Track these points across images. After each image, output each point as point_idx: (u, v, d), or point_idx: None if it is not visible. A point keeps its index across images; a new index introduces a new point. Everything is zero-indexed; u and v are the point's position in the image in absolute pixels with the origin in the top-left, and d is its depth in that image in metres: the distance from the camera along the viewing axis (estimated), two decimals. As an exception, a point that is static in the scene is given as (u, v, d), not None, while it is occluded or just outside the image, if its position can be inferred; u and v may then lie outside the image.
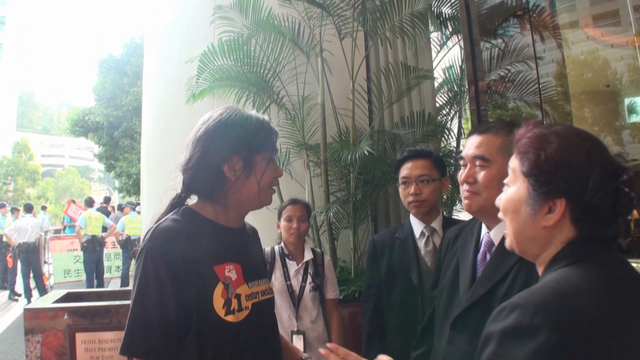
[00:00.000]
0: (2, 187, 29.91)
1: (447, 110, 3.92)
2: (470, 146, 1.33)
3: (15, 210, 10.99)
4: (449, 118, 3.87)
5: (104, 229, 8.88)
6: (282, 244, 2.51)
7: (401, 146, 3.47)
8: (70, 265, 9.13)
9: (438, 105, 3.93)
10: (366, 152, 3.08)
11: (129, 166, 15.47)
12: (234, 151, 1.21)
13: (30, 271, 8.44)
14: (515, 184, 0.92)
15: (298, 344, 2.31)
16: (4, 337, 6.26)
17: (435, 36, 3.93)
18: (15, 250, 8.68)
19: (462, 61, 3.66)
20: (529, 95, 3.82)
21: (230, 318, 1.15)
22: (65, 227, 12.12)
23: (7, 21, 43.01)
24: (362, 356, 1.09)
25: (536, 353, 0.72)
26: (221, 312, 1.15)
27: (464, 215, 2.68)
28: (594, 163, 0.83)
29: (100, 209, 10.28)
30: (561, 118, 3.97)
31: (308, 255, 2.48)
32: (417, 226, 2.06)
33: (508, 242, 0.95)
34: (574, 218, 0.85)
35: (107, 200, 13.18)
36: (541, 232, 0.88)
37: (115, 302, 3.26)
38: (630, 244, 2.79)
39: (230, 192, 1.23)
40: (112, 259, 9.65)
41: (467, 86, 3.14)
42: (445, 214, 2.59)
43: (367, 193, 3.44)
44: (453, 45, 3.88)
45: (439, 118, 3.81)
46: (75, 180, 42.10)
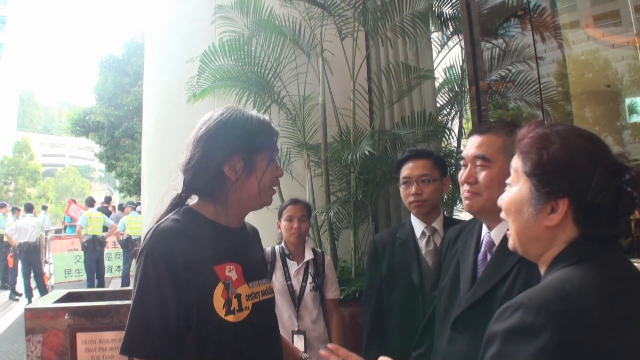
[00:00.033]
0: (2, 187, 29.93)
1: (448, 110, 3.92)
2: (471, 146, 1.33)
3: (15, 210, 11.01)
4: (450, 118, 3.87)
5: (105, 228, 8.88)
6: (282, 244, 2.51)
7: (402, 146, 3.47)
8: (71, 265, 9.13)
9: (439, 105, 3.93)
10: (367, 152, 3.08)
11: (129, 166, 15.47)
12: (235, 151, 1.21)
13: (31, 271, 8.43)
14: (517, 184, 0.92)
15: (299, 343, 2.31)
16: (4, 337, 6.26)
17: (436, 36, 3.93)
18: (16, 250, 8.68)
19: (463, 61, 3.66)
20: (529, 95, 3.82)
21: (231, 318, 1.15)
22: (66, 226, 12.13)
23: (8, 20, 43.08)
24: (362, 356, 1.09)
25: (540, 353, 0.72)
26: (221, 312, 1.15)
27: (464, 216, 2.68)
28: (596, 163, 0.83)
29: (101, 208, 10.29)
30: (562, 118, 3.97)
31: (308, 255, 2.48)
32: (418, 226, 2.05)
33: (511, 242, 0.95)
34: (576, 218, 0.85)
35: (107, 200, 13.18)
36: (544, 232, 0.88)
37: (116, 302, 3.27)
38: (630, 243, 2.78)
39: (231, 192, 1.23)
40: (112, 258, 9.65)
41: (467, 86, 3.14)
42: (446, 214, 2.59)
43: (367, 193, 3.44)
44: (454, 45, 3.88)
45: (439, 118, 3.81)
46: (76, 180, 42.11)
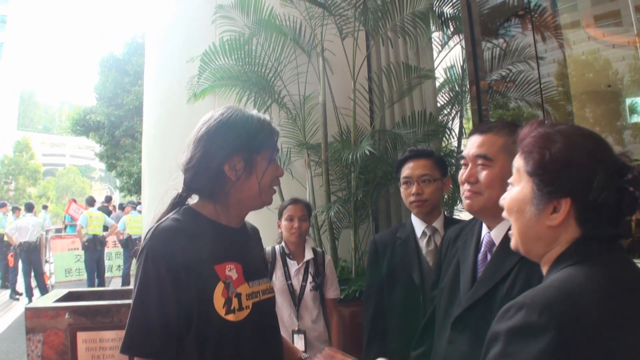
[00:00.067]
0: (3, 187, 29.93)
1: (449, 110, 3.92)
2: (472, 145, 1.33)
3: (16, 209, 11.03)
4: (450, 118, 3.87)
5: (105, 228, 8.89)
6: (282, 244, 2.51)
7: (402, 146, 3.47)
8: (71, 264, 9.14)
9: (439, 105, 3.92)
10: (367, 151, 3.07)
11: (130, 165, 15.47)
12: (235, 151, 1.21)
13: (32, 270, 8.44)
14: (519, 184, 0.91)
15: (299, 343, 2.31)
16: (5, 336, 6.27)
17: (436, 36, 3.92)
18: (16, 249, 8.68)
19: (464, 61, 3.66)
20: (530, 95, 3.82)
21: (231, 317, 1.16)
22: (66, 226, 12.15)
23: (8, 20, 43.08)
24: (362, 356, 1.09)
25: (543, 352, 0.72)
26: (221, 311, 1.15)
27: (464, 215, 2.68)
28: (598, 162, 0.83)
29: (101, 208, 10.29)
30: (562, 118, 3.97)
31: (309, 255, 2.48)
32: (418, 226, 2.05)
33: (513, 242, 0.95)
34: (578, 218, 0.85)
35: (108, 199, 13.17)
36: (546, 232, 0.87)
37: (116, 302, 3.27)
38: (631, 243, 2.78)
39: (231, 191, 1.23)
40: (113, 258, 9.65)
41: (468, 86, 3.14)
42: (447, 213, 2.59)
43: (368, 193, 3.44)
44: (454, 45, 3.88)
45: (440, 118, 3.81)
46: (77, 180, 42.13)
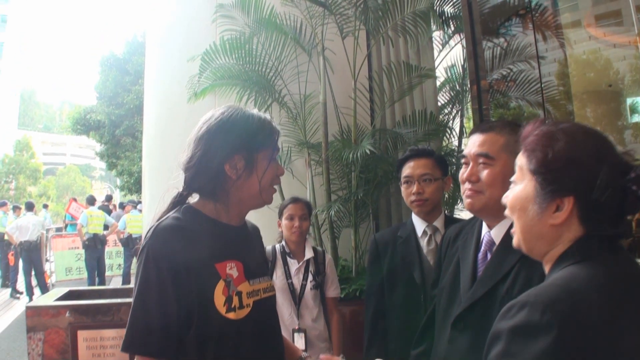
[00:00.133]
0: (3, 186, 29.96)
1: (449, 109, 3.92)
2: (473, 144, 1.33)
3: (16, 208, 11.04)
4: (451, 117, 3.87)
5: (106, 227, 8.89)
6: (283, 243, 2.51)
7: (403, 145, 3.47)
8: (71, 263, 9.14)
9: (440, 104, 3.92)
10: (368, 150, 3.07)
11: (130, 164, 15.47)
12: (236, 150, 1.21)
13: (32, 269, 8.44)
14: (522, 182, 0.91)
15: (299, 342, 2.31)
16: (6, 335, 6.27)
17: (437, 35, 3.92)
18: (16, 248, 8.69)
19: (464, 60, 3.66)
20: (531, 94, 3.81)
21: (232, 315, 1.16)
22: (66, 225, 12.14)
23: (9, 19, 43.09)
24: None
25: (545, 351, 0.72)
26: (222, 309, 1.15)
27: (465, 215, 2.68)
28: (602, 161, 0.82)
29: (101, 207, 10.29)
30: (563, 118, 3.97)
31: (309, 254, 2.48)
32: (419, 225, 2.05)
33: (515, 240, 0.94)
34: (581, 216, 0.84)
35: (108, 198, 13.17)
36: (549, 230, 0.87)
37: (117, 300, 3.28)
38: (632, 243, 2.78)
39: (232, 190, 1.23)
40: (113, 257, 9.65)
41: (469, 85, 3.13)
42: (447, 213, 2.59)
43: (368, 192, 3.44)
44: (455, 44, 3.88)
45: (440, 117, 3.80)
46: (77, 179, 42.20)
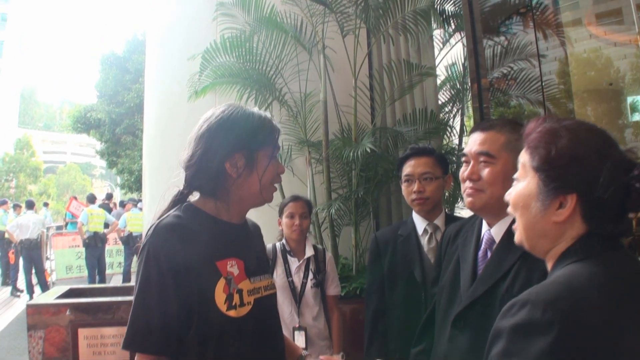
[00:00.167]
0: (4, 184, 30.00)
1: (450, 107, 3.92)
2: (474, 143, 1.32)
3: (17, 206, 11.05)
4: (452, 115, 3.87)
5: (106, 225, 8.90)
6: (283, 241, 2.52)
7: (403, 143, 3.47)
8: (72, 261, 9.15)
9: (440, 102, 3.92)
10: (368, 149, 3.07)
11: (130, 163, 15.46)
12: (236, 148, 1.21)
13: (32, 267, 8.45)
14: (525, 179, 0.91)
15: (299, 340, 2.31)
16: (6, 333, 6.28)
17: (437, 33, 3.92)
18: (17, 246, 8.71)
19: (465, 58, 3.66)
20: (531, 93, 3.81)
21: (232, 313, 1.16)
22: (67, 223, 12.13)
23: (9, 18, 43.07)
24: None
25: (547, 349, 0.72)
26: (223, 307, 1.15)
27: (465, 213, 2.68)
28: (605, 158, 0.82)
29: (102, 205, 10.29)
30: (564, 116, 3.96)
31: (309, 252, 2.48)
32: (419, 223, 2.05)
33: (517, 237, 0.94)
34: (584, 214, 0.84)
35: (109, 196, 13.17)
36: (551, 228, 0.87)
37: (117, 298, 3.28)
38: (632, 242, 2.78)
39: (232, 188, 1.23)
40: (114, 255, 9.66)
41: (469, 84, 3.13)
42: (448, 211, 2.59)
43: (368, 190, 3.44)
44: (456, 43, 3.87)
45: (441, 115, 3.80)
46: (77, 177, 42.25)
